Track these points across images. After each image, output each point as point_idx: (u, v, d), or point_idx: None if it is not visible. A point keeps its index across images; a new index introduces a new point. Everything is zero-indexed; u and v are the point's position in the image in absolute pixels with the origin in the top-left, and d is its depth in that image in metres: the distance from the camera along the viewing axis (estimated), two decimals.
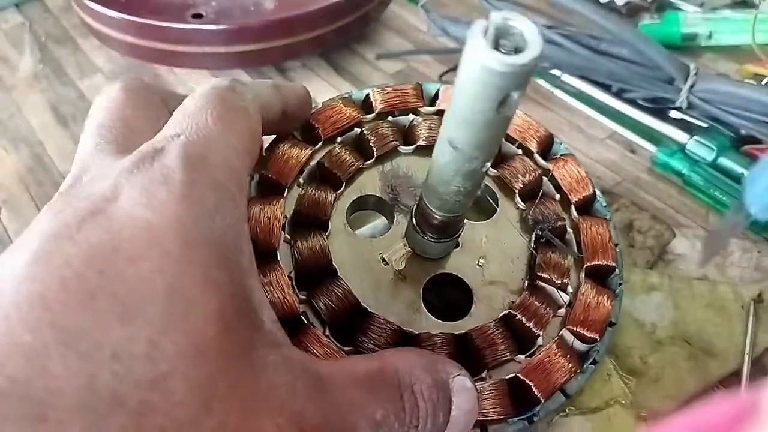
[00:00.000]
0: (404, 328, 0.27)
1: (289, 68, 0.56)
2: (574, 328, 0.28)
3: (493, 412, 0.26)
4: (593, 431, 0.29)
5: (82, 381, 0.16)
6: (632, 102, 0.49)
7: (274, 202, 0.27)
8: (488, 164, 0.22)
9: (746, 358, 0.33)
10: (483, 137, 0.20)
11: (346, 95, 0.32)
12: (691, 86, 0.46)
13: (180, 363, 0.18)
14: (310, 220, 0.28)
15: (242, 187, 0.24)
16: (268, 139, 0.30)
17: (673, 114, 0.49)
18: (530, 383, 0.27)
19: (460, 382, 0.24)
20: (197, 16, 0.52)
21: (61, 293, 0.17)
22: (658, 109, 0.49)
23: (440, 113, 0.33)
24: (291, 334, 0.25)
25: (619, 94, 0.50)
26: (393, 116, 0.32)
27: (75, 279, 0.18)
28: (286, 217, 0.27)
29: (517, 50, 0.18)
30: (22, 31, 0.61)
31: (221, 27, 0.51)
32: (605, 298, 0.29)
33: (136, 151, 0.22)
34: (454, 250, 0.30)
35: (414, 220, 0.28)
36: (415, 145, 0.31)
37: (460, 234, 0.28)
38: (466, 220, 0.29)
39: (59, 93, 0.54)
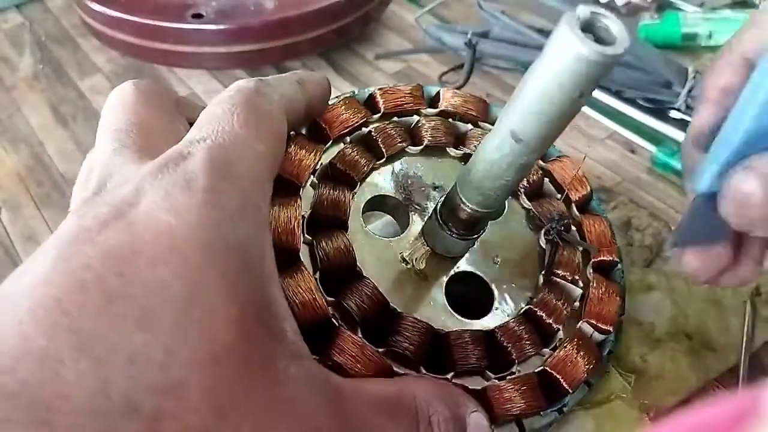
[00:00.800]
0: (435, 327, 0.27)
1: (289, 68, 0.56)
2: (592, 321, 0.30)
3: (527, 405, 0.26)
4: (596, 425, 0.29)
5: (95, 386, 0.16)
6: (632, 102, 0.49)
7: (292, 202, 0.26)
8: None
9: (744, 353, 0.33)
10: (553, 129, 0.21)
11: (350, 95, 0.32)
12: (690, 90, 0.46)
13: (196, 370, 0.17)
14: (329, 221, 0.27)
15: (266, 194, 0.23)
16: None
17: (673, 114, 0.49)
18: (558, 376, 0.28)
19: (476, 419, 0.24)
20: (197, 16, 0.52)
21: (79, 296, 0.17)
22: (658, 108, 0.49)
23: (442, 114, 0.33)
24: (322, 338, 0.25)
25: (618, 94, 0.50)
26: (398, 117, 0.32)
27: (94, 282, 0.17)
28: (303, 217, 0.27)
29: (599, 43, 0.18)
30: (22, 31, 0.61)
31: (221, 27, 0.51)
32: (614, 291, 0.31)
33: (161, 156, 0.21)
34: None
35: (440, 217, 0.28)
36: (422, 146, 0.32)
37: (484, 231, 0.29)
38: None
39: (59, 93, 0.54)
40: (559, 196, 0.33)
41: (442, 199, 0.28)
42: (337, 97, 0.32)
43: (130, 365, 0.17)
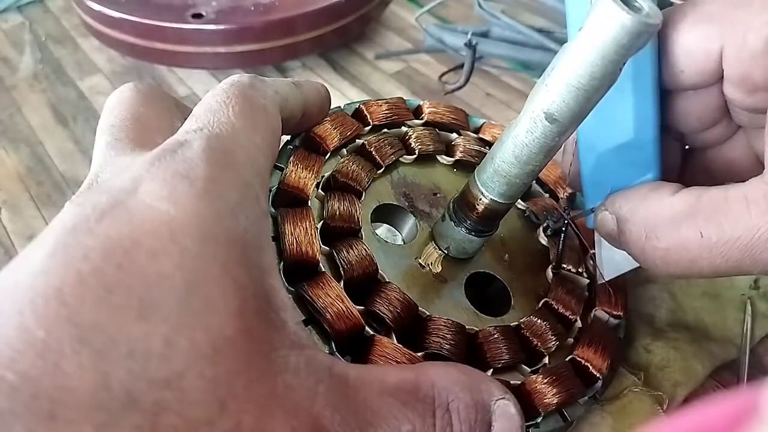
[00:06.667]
0: (467, 327, 0.27)
1: (289, 68, 0.56)
2: (605, 308, 0.31)
3: (567, 393, 0.27)
4: (614, 421, 0.29)
5: (95, 379, 0.16)
6: None
7: (306, 213, 0.26)
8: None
9: (745, 348, 0.33)
10: (590, 105, 0.22)
11: (338, 109, 0.33)
12: None
13: (196, 362, 0.17)
14: (343, 231, 0.27)
15: (265, 185, 0.23)
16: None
17: None
18: (587, 363, 0.28)
19: (503, 406, 0.23)
20: (197, 16, 0.52)
21: (77, 288, 0.17)
22: None
23: (428, 124, 0.34)
24: (359, 348, 0.25)
25: None
26: (388, 128, 0.33)
27: (92, 273, 0.17)
28: (316, 228, 0.27)
29: None
30: (22, 31, 0.61)
31: (221, 27, 0.51)
32: (619, 279, 0.32)
33: (158, 147, 0.21)
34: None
35: (454, 215, 0.28)
36: (415, 155, 0.32)
37: (497, 228, 0.29)
38: None
39: (59, 93, 0.54)
40: (547, 195, 0.35)
41: (456, 196, 0.28)
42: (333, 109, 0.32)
43: (130, 357, 0.17)
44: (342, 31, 0.55)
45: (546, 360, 0.28)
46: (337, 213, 0.27)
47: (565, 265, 0.32)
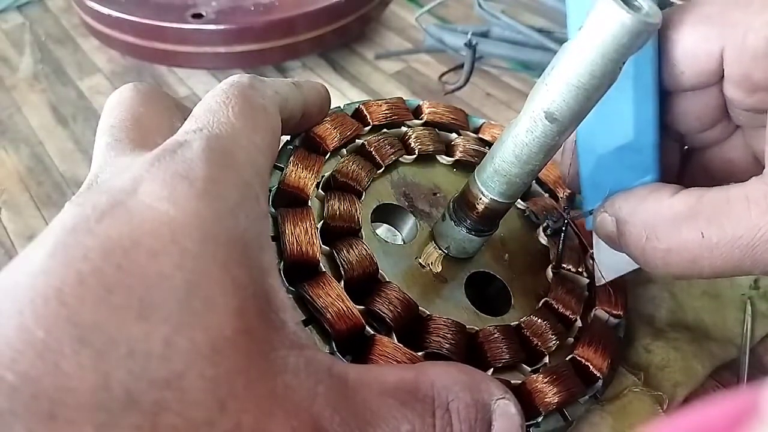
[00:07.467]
0: (467, 326, 0.27)
1: (289, 68, 0.56)
2: (605, 308, 0.31)
3: (568, 393, 0.27)
4: (614, 421, 0.29)
5: (95, 379, 0.16)
6: None
7: (306, 213, 0.26)
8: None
9: (744, 352, 0.33)
10: (590, 104, 0.22)
11: (338, 109, 0.33)
12: None
13: (196, 362, 0.17)
14: (343, 231, 0.27)
15: (265, 185, 0.24)
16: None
17: None
18: (587, 363, 0.29)
19: (504, 406, 0.23)
20: (197, 16, 0.52)
21: (77, 288, 0.17)
22: None
23: (427, 124, 0.34)
24: (360, 347, 0.25)
25: None
26: (387, 128, 0.33)
27: (92, 273, 0.17)
28: (316, 228, 0.27)
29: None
30: (22, 31, 0.61)
31: (221, 27, 0.51)
32: (618, 279, 0.32)
33: (158, 147, 0.21)
34: None
35: (454, 214, 0.28)
36: (415, 155, 0.32)
37: (497, 228, 0.29)
38: None
39: (59, 93, 0.54)
40: (547, 195, 0.35)
41: (456, 195, 0.29)
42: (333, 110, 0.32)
43: (130, 357, 0.17)
44: (342, 31, 0.55)
45: (546, 359, 0.28)
46: (337, 213, 0.27)
47: (565, 265, 0.32)
